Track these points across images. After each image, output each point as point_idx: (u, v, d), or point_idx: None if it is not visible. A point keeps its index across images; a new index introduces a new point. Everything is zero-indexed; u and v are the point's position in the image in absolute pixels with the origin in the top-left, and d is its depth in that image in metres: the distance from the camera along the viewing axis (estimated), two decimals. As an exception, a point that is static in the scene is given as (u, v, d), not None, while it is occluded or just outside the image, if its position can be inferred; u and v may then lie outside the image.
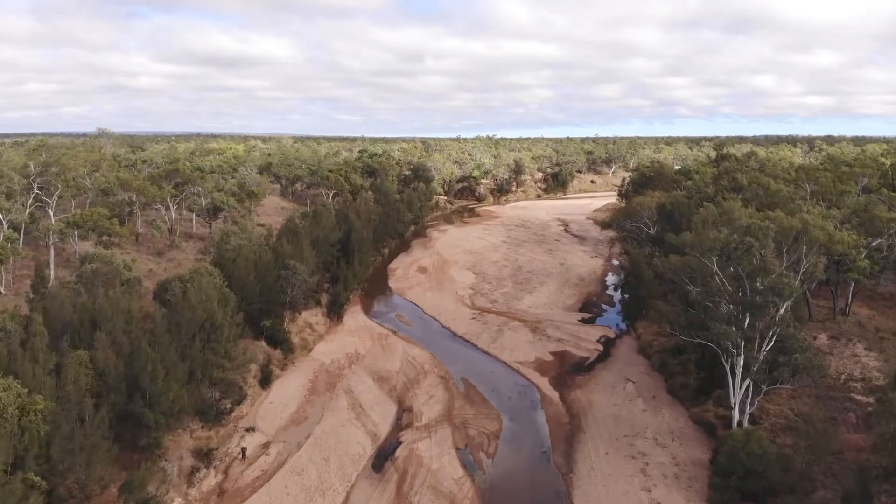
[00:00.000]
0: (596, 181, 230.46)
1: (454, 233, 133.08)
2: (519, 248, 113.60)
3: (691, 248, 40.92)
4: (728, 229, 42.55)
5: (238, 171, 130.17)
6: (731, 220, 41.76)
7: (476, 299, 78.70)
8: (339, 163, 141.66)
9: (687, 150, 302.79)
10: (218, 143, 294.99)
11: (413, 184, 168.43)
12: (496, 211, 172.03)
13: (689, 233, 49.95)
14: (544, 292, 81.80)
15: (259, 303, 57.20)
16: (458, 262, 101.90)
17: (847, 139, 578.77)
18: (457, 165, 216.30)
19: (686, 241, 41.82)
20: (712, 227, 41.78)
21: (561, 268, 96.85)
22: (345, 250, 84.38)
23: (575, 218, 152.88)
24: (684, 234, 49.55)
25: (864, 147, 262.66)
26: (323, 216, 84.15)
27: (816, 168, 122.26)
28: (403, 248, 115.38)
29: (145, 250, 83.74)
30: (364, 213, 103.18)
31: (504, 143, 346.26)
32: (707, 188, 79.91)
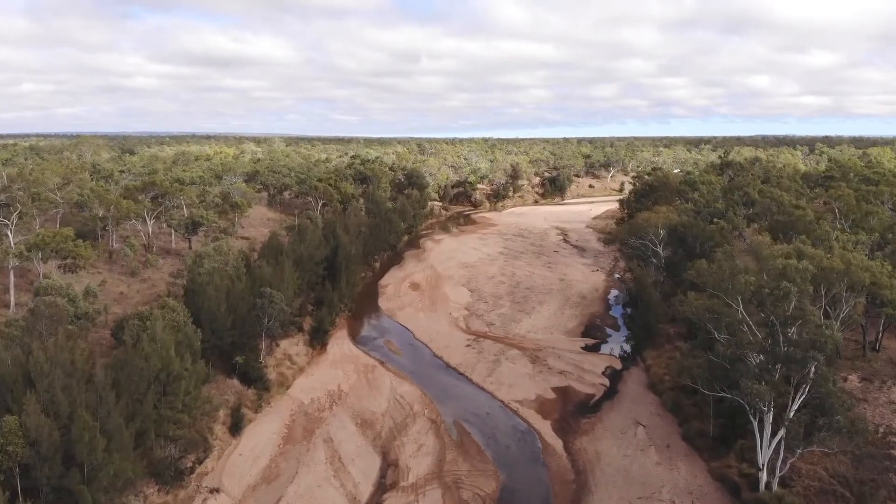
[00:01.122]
0: (594, 186, 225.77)
1: (449, 243, 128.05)
2: (516, 261, 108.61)
3: (714, 288, 35.99)
4: (753, 264, 37.64)
5: (223, 178, 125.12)
6: (759, 257, 36.80)
7: (471, 322, 73.67)
8: (330, 170, 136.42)
9: (686, 152, 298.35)
10: (210, 146, 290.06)
11: (407, 190, 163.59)
12: (492, 218, 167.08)
13: (705, 261, 45.09)
14: (544, 313, 76.80)
15: (231, 336, 52.13)
16: (452, 277, 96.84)
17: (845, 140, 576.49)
18: (452, 170, 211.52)
19: (709, 279, 36.86)
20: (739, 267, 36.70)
21: (561, 284, 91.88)
22: (331, 268, 79.35)
23: (574, 226, 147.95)
24: (700, 263, 44.63)
25: (867, 151, 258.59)
26: (307, 233, 79.02)
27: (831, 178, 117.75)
28: (396, 261, 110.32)
29: (118, 269, 78.48)
30: (353, 226, 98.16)
31: (500, 146, 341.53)
32: (717, 203, 75.03)
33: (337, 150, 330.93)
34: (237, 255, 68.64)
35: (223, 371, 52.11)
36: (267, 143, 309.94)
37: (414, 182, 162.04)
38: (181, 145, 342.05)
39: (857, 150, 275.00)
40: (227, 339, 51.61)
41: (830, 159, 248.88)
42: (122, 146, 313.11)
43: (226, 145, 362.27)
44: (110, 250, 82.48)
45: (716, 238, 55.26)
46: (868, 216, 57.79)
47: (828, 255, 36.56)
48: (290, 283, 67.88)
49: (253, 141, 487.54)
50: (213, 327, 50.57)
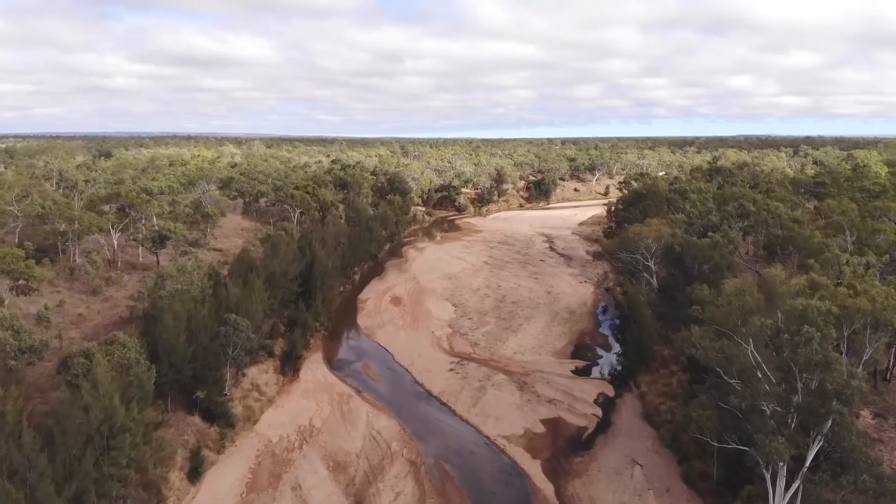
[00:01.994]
0: (579, 189, 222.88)
1: (432, 251, 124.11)
2: (502, 272, 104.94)
3: (721, 325, 32.44)
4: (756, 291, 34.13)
5: (196, 185, 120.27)
6: (773, 294, 33.28)
7: (455, 341, 69.81)
8: (308, 176, 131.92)
9: (670, 154, 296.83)
10: (189, 149, 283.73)
11: (389, 196, 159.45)
12: (477, 224, 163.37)
13: (706, 288, 41.59)
14: (531, 331, 73.14)
15: (192, 369, 47.84)
16: (435, 290, 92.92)
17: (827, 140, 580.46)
18: (436, 174, 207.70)
19: (715, 314, 33.27)
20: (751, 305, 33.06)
21: (548, 297, 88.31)
22: (306, 285, 75.10)
23: (560, 233, 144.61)
24: (701, 290, 41.11)
25: (851, 153, 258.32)
26: (280, 247, 74.73)
27: (822, 184, 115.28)
28: (377, 272, 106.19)
29: (79, 287, 73.61)
30: (332, 237, 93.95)
31: (484, 148, 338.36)
32: (711, 215, 71.79)
33: (319, 151, 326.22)
34: (203, 274, 64.21)
35: (184, 407, 47.85)
36: (247, 144, 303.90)
37: (396, 188, 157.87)
38: (161, 147, 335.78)
39: (841, 152, 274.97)
40: (188, 372, 47.34)
41: (817, 162, 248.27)
42: (100, 148, 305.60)
43: (206, 147, 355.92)
44: (72, 266, 77.65)
45: (715, 259, 51.83)
46: (875, 234, 54.68)
47: (850, 293, 33.11)
48: (261, 304, 63.66)
49: (234, 142, 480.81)
50: (172, 360, 46.28)
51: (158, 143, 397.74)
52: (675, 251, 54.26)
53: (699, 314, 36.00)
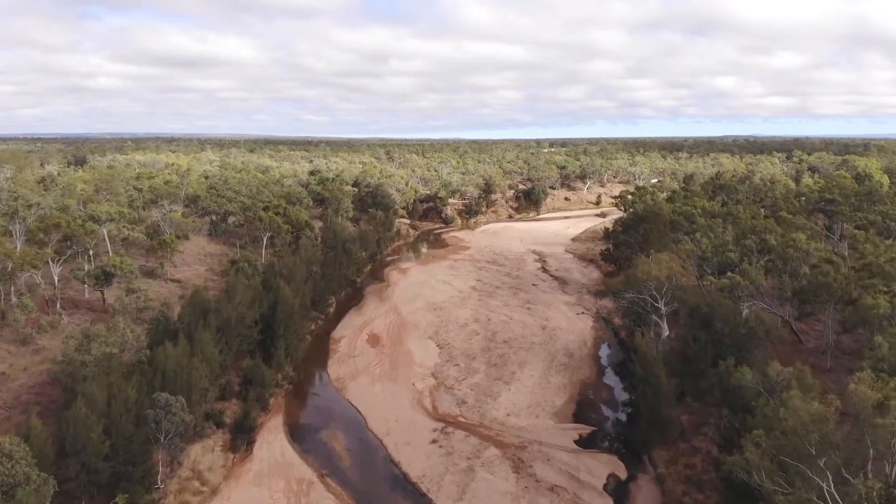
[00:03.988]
0: (570, 198, 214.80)
1: (416, 274, 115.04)
2: (491, 300, 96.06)
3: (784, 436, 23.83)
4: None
5: (160, 204, 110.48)
6: (863, 423, 24.50)
7: (439, 398, 60.75)
8: (282, 193, 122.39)
9: (661, 159, 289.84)
10: (166, 155, 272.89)
11: (372, 209, 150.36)
12: (464, 239, 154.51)
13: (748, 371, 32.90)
14: (526, 382, 64.28)
15: (112, 465, 38.56)
16: (418, 324, 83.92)
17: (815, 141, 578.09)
18: (422, 183, 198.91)
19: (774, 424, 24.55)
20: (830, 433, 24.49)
21: (543, 334, 79.55)
22: (269, 330, 65.96)
23: (552, 250, 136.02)
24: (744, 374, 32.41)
25: (846, 159, 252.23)
26: (238, 288, 65.35)
27: (832, 201, 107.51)
28: (355, 300, 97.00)
29: (8, 335, 63.89)
30: (303, 265, 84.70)
31: (472, 153, 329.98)
32: (728, 250, 63.28)
33: (302, 157, 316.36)
34: (143, 330, 54.81)
35: (99, 514, 38.60)
36: (226, 152, 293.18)
37: (379, 202, 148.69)
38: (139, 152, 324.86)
39: (835, 157, 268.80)
40: (105, 472, 38.05)
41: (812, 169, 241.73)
42: (76, 154, 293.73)
43: (186, 151, 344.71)
44: (2, 309, 67.93)
45: (758, 332, 42.83)
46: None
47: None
48: (210, 364, 54.57)
49: (217, 144, 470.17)
50: (83, 459, 37.00)
51: (140, 146, 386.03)
52: (702, 312, 45.79)
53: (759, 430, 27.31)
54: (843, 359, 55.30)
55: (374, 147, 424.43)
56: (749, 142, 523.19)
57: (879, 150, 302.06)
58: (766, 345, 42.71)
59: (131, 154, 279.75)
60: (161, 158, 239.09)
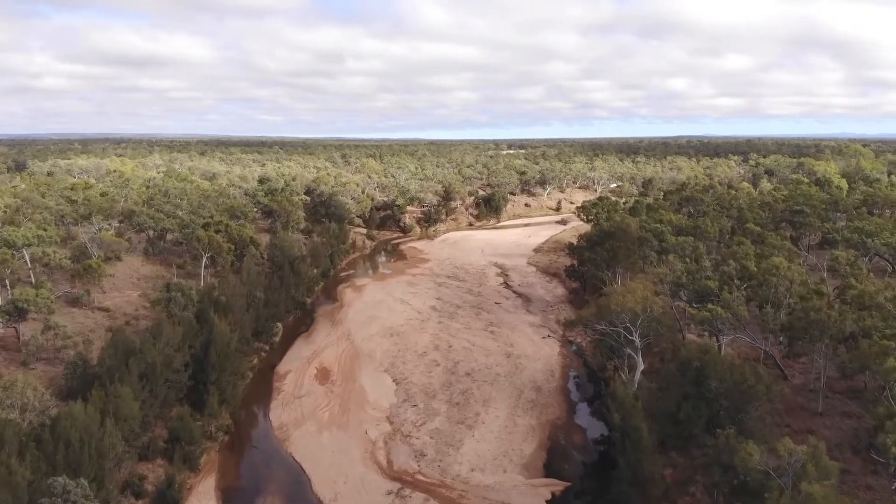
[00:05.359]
0: (531, 204, 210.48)
1: (373, 292, 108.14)
2: (452, 322, 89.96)
3: None
4: None
5: (93, 221, 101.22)
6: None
7: (394, 450, 54.22)
8: (226, 206, 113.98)
9: (619, 163, 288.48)
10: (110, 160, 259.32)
11: (325, 220, 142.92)
12: (424, 249, 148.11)
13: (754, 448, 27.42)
14: (492, 425, 58.27)
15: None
16: (373, 353, 77.25)
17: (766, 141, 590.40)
18: (378, 189, 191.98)
19: None
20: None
21: (508, 363, 73.79)
22: (202, 372, 58.51)
23: (514, 262, 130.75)
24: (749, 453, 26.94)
25: (803, 162, 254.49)
26: (165, 329, 57.63)
27: (800, 212, 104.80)
28: (304, 325, 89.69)
29: None
30: (243, 293, 77.13)
31: (430, 156, 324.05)
32: (706, 278, 58.43)
33: (254, 160, 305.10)
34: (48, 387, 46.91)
35: None
36: (173, 156, 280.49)
37: (333, 213, 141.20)
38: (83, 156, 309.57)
39: (791, 160, 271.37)
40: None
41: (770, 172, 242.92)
42: (17, 158, 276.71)
43: (135, 153, 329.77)
44: None
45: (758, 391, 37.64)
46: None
47: None
48: (130, 419, 47.19)
49: (168, 146, 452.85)
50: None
51: (86, 149, 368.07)
52: (693, 366, 40.42)
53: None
54: (834, 399, 50.89)
55: (329, 149, 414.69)
56: (703, 143, 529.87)
57: (834, 153, 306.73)
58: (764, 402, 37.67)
59: (74, 158, 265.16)
60: (105, 164, 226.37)
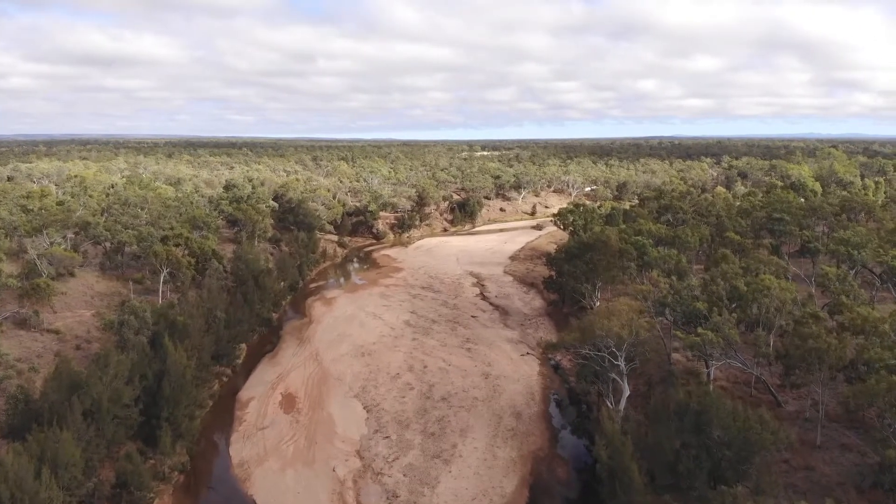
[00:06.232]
0: (505, 209, 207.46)
1: (343, 305, 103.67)
2: (427, 338, 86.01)
3: None
4: None
5: (45, 233, 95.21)
6: None
7: (364, 492, 50.03)
8: (188, 216, 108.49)
9: (594, 167, 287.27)
10: (73, 163, 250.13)
11: (293, 229, 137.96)
12: (397, 258, 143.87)
13: None
14: (469, 459, 54.44)
15: None
16: (343, 376, 72.97)
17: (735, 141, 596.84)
18: (350, 194, 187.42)
19: None
20: None
21: (486, 386, 70.07)
22: (154, 405, 53.76)
23: (490, 271, 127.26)
24: None
25: (776, 164, 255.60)
26: (112, 360, 52.75)
27: (780, 220, 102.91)
28: (270, 344, 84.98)
29: None
30: (202, 314, 72.29)
31: (403, 159, 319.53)
32: (697, 301, 55.36)
33: (222, 163, 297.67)
34: None
35: None
36: (137, 161, 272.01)
37: (301, 221, 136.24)
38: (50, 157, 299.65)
39: (763, 162, 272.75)
40: None
41: (743, 175, 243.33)
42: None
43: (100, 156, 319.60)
44: None
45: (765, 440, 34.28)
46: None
47: None
48: (71, 466, 42.44)
49: (136, 147, 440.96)
50: None
51: (50, 151, 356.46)
52: (692, 409, 37.05)
53: None
54: (831, 428, 48.05)
55: (301, 150, 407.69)
56: (675, 144, 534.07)
57: (805, 154, 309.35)
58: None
59: (37, 162, 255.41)
60: (67, 168, 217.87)
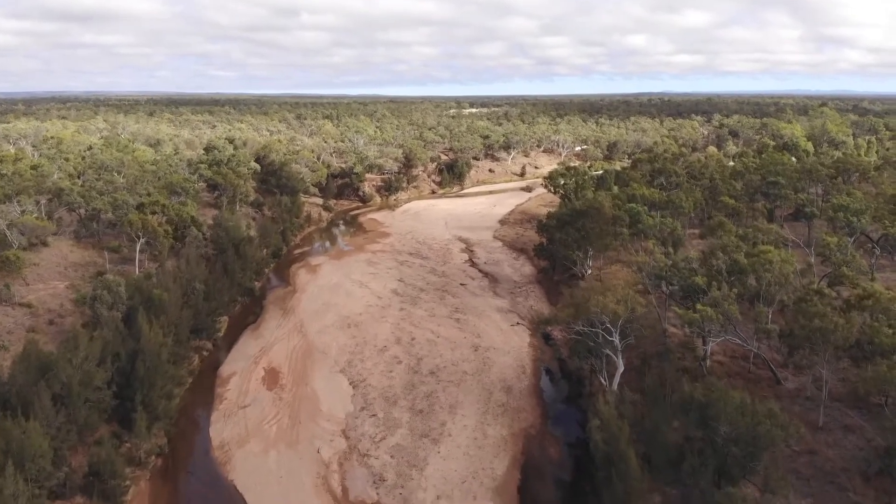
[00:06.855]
0: (494, 170, 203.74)
1: (328, 272, 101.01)
2: (415, 308, 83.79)
3: None
4: None
5: (16, 201, 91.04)
6: None
7: (350, 474, 48.23)
8: (166, 182, 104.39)
9: (584, 125, 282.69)
10: (51, 122, 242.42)
11: (276, 192, 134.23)
12: (384, 222, 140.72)
13: None
14: (459, 438, 52.71)
15: None
16: (328, 350, 70.77)
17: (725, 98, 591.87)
18: (335, 155, 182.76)
19: None
20: None
21: (476, 358, 68.17)
22: (128, 387, 51.31)
23: (479, 236, 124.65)
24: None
25: (766, 122, 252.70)
26: (82, 342, 49.99)
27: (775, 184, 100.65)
28: (253, 314, 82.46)
29: None
30: (180, 285, 69.43)
31: (389, 117, 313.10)
32: (695, 275, 53.13)
33: (204, 121, 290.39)
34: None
35: None
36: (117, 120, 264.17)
37: (284, 185, 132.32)
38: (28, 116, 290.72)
39: (754, 121, 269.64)
40: None
41: (734, 134, 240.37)
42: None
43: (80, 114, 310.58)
44: None
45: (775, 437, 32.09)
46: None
47: None
48: (38, 457, 40.16)
49: (117, 105, 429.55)
50: None
51: (29, 110, 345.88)
52: (697, 403, 35.02)
53: None
54: (833, 408, 46.49)
55: (284, 108, 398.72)
56: (664, 101, 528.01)
57: (796, 112, 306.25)
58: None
59: (14, 122, 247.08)
60: (45, 128, 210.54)
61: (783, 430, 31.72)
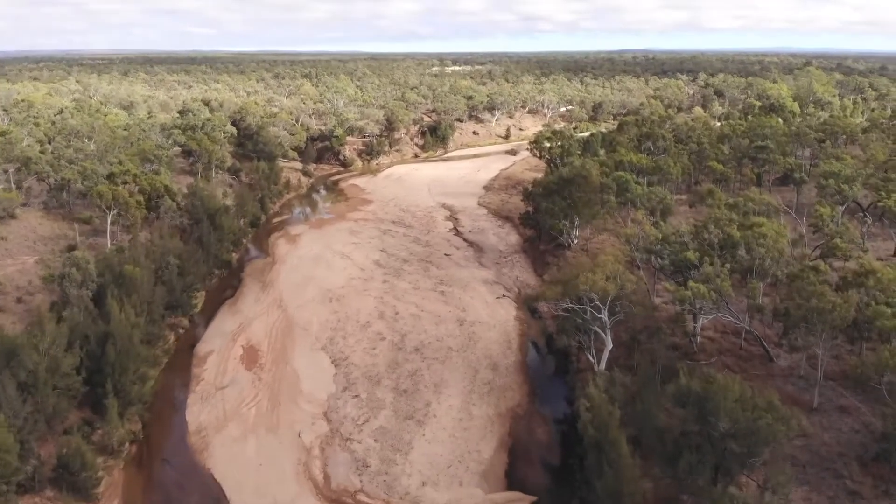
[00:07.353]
0: (479, 132, 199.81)
1: (309, 243, 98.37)
2: (399, 280, 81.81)
3: None
4: None
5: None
6: None
7: (332, 460, 46.78)
8: (138, 149, 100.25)
9: (569, 85, 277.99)
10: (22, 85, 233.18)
11: (253, 157, 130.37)
12: (366, 188, 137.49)
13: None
14: (444, 419, 51.36)
15: None
16: (309, 326, 68.78)
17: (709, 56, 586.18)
18: (315, 117, 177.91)
19: None
20: None
21: (461, 333, 66.61)
22: (99, 372, 49.11)
23: (464, 203, 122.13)
24: None
25: (751, 81, 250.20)
26: (48, 327, 47.46)
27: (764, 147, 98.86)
28: (231, 287, 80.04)
29: None
30: (152, 262, 66.72)
31: (370, 75, 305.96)
32: (686, 250, 51.47)
33: (180, 81, 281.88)
34: None
35: None
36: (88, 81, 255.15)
37: (262, 150, 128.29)
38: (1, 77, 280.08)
39: (739, 80, 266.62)
40: None
41: (719, 94, 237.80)
42: None
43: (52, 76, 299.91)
44: None
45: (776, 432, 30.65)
46: None
47: None
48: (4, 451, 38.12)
49: (90, 65, 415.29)
50: None
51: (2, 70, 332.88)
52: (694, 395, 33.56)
53: None
54: (827, 388, 45.55)
55: (262, 67, 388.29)
56: (649, 60, 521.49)
57: (781, 71, 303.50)
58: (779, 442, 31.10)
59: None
60: (16, 90, 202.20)
61: (785, 425, 30.47)
